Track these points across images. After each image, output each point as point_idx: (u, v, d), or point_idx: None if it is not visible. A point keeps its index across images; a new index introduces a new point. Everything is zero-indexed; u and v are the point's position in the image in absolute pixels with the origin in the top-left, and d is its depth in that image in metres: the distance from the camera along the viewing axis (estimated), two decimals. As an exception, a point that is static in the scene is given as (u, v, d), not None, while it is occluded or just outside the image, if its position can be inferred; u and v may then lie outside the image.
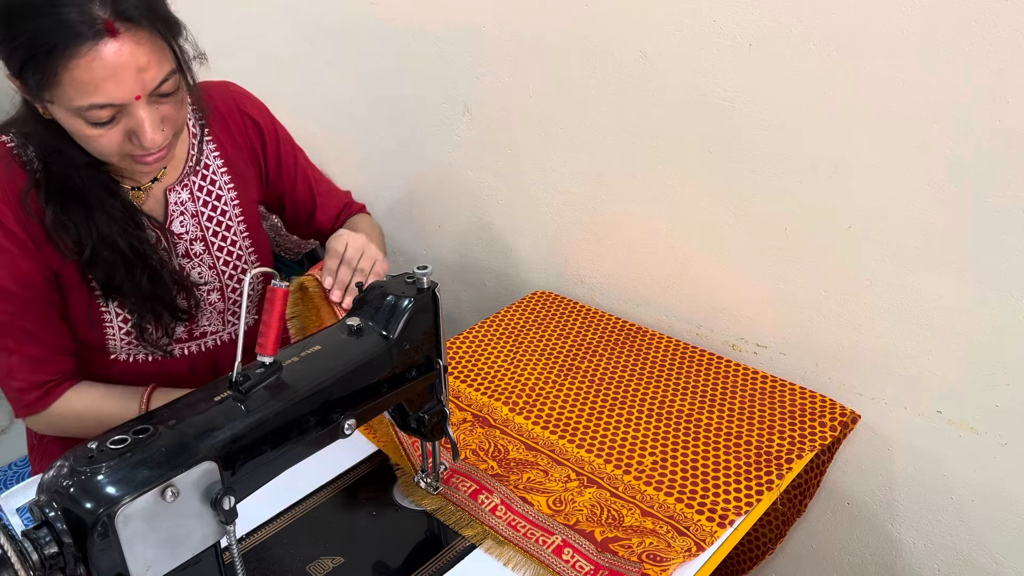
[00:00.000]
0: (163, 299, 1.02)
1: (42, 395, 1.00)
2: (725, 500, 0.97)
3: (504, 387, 1.19)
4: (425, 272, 0.84)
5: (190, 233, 1.07)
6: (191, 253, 1.07)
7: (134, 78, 0.82)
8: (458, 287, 1.71)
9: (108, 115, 0.84)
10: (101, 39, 0.79)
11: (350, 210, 1.31)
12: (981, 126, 0.95)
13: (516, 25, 1.34)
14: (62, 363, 1.01)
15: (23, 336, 0.97)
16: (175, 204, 1.05)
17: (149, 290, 1.00)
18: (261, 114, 1.16)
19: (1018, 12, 0.88)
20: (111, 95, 0.82)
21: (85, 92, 0.81)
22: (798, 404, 1.15)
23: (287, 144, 1.20)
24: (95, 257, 0.95)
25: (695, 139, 1.20)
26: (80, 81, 0.80)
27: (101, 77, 0.80)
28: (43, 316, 0.98)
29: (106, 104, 0.82)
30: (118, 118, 0.85)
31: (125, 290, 0.98)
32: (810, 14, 1.03)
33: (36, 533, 0.58)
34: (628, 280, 1.40)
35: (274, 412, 0.70)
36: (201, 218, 1.08)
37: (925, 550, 1.20)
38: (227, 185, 1.10)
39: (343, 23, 1.64)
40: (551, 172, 1.43)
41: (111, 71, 0.81)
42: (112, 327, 1.02)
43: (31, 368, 0.98)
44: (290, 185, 1.22)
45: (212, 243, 1.09)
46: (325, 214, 1.27)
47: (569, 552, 0.88)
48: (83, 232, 0.94)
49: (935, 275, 1.05)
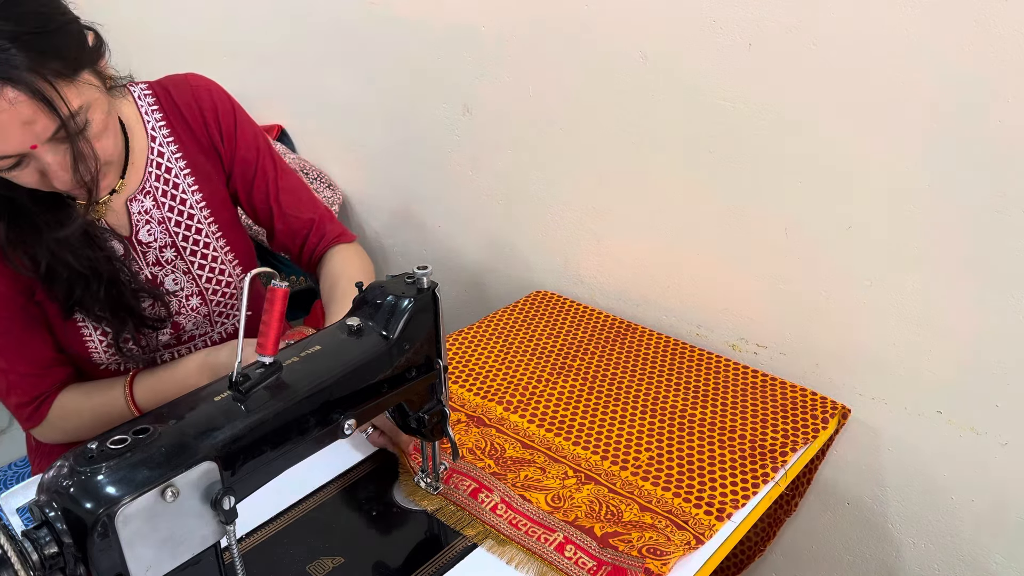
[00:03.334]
0: (129, 309, 1.00)
1: (36, 408, 1.01)
2: (722, 494, 0.97)
3: (497, 387, 1.19)
4: (425, 272, 0.84)
5: (159, 240, 1.05)
6: (162, 260, 1.06)
7: (21, 132, 0.80)
8: (458, 287, 1.71)
9: (10, 163, 0.83)
10: None
11: (321, 233, 1.19)
12: (981, 126, 0.95)
13: (516, 25, 1.34)
14: (55, 376, 1.01)
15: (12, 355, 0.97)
16: (139, 214, 1.03)
17: (112, 302, 0.98)
18: (221, 105, 1.10)
19: (1018, 12, 0.88)
20: (3, 150, 0.81)
21: None
22: (789, 398, 1.15)
23: (247, 141, 1.12)
24: (51, 274, 0.94)
25: (695, 139, 1.20)
26: None
27: None
28: (28, 333, 0.98)
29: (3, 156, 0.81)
30: (25, 161, 0.83)
31: (87, 304, 0.97)
32: (810, 14, 1.03)
33: (36, 533, 0.58)
34: (628, 280, 1.40)
35: (274, 412, 0.70)
36: (168, 224, 1.06)
37: (925, 550, 1.20)
38: (191, 188, 1.08)
39: (343, 23, 1.64)
40: (551, 172, 1.43)
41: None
42: (92, 340, 1.02)
43: (25, 385, 0.99)
44: (244, 185, 1.14)
45: (184, 248, 1.07)
46: (285, 226, 1.16)
47: (571, 549, 0.89)
48: (37, 250, 0.92)
49: (935, 275, 1.05)
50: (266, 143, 1.16)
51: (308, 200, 1.20)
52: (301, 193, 1.19)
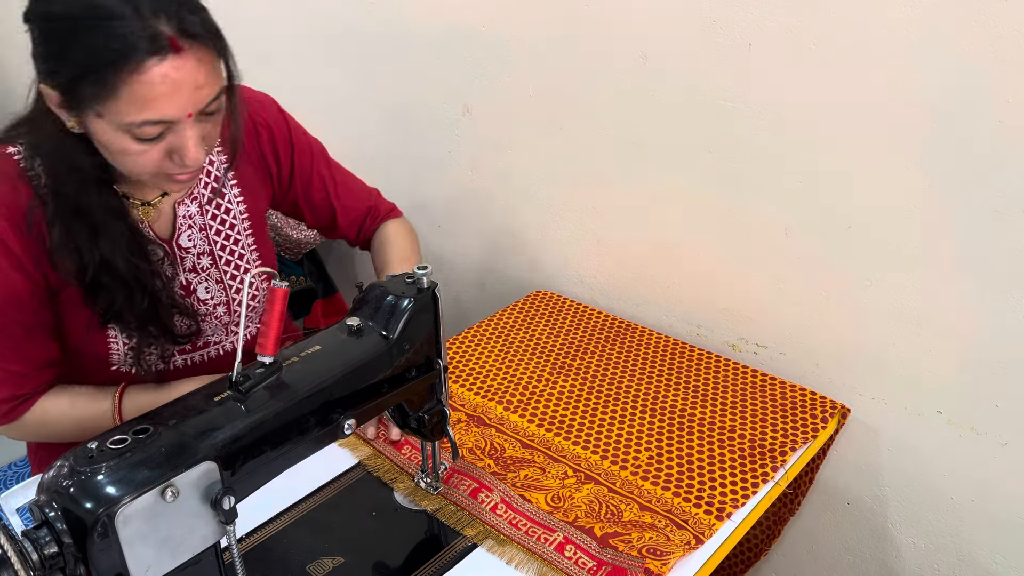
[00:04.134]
0: (163, 325, 1.00)
1: (14, 407, 0.99)
2: (722, 493, 0.97)
3: (497, 386, 1.19)
4: (425, 272, 0.84)
5: (197, 247, 1.06)
6: (198, 267, 1.06)
7: (190, 96, 0.82)
8: (458, 287, 1.72)
9: (157, 132, 0.83)
10: (166, 55, 0.78)
11: (376, 215, 1.26)
12: (981, 126, 0.95)
13: (516, 25, 1.34)
14: (43, 377, 1.00)
15: (7, 352, 0.96)
16: (183, 218, 1.04)
17: (149, 315, 0.98)
18: (273, 119, 1.13)
19: (1018, 12, 0.88)
20: (165, 112, 0.81)
21: (142, 108, 0.80)
22: (789, 398, 1.15)
23: (302, 148, 1.16)
24: (96, 282, 0.94)
25: (695, 139, 1.20)
26: (139, 96, 0.79)
27: (160, 93, 0.79)
28: (29, 334, 0.96)
29: (159, 121, 0.81)
30: (164, 135, 0.84)
31: (124, 315, 0.97)
32: (810, 14, 1.03)
33: (36, 533, 0.58)
34: (628, 280, 1.40)
35: (274, 412, 0.70)
36: (209, 232, 1.06)
37: (925, 550, 1.20)
38: (236, 198, 1.09)
39: (343, 23, 1.64)
40: (551, 172, 1.43)
41: (171, 88, 0.80)
42: (117, 343, 1.01)
43: (12, 383, 0.97)
44: (304, 191, 1.18)
45: (220, 257, 1.08)
46: (347, 219, 1.23)
47: (571, 549, 0.89)
48: (86, 256, 0.92)
49: (935, 275, 1.05)
50: (319, 148, 1.21)
51: (361, 189, 1.27)
52: (353, 185, 1.25)
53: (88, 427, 1.00)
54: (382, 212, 1.27)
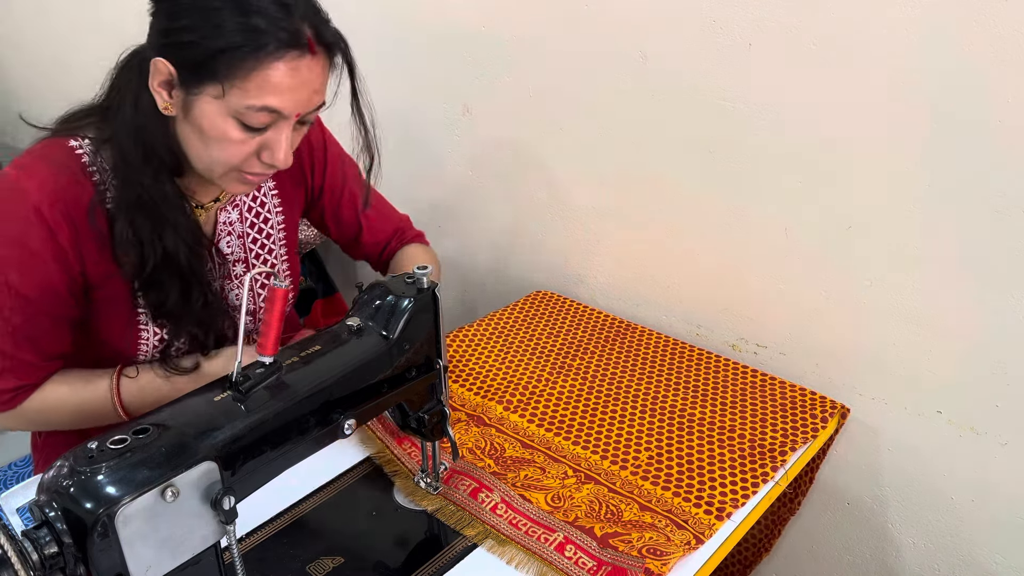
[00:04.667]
0: (209, 325, 1.01)
1: (15, 395, 0.98)
2: (722, 493, 0.97)
3: (497, 386, 1.19)
4: (425, 272, 0.84)
5: (234, 254, 1.06)
6: (232, 274, 1.07)
7: (308, 96, 0.87)
8: (458, 287, 1.72)
9: (265, 122, 0.86)
10: (304, 53, 0.85)
11: (402, 238, 1.26)
12: (981, 126, 0.95)
13: (516, 25, 1.34)
14: (50, 367, 0.99)
15: (25, 342, 0.96)
16: (224, 224, 1.04)
17: (200, 314, 0.99)
18: (314, 137, 1.14)
19: (1018, 12, 0.88)
20: (284, 104, 0.85)
21: (266, 94, 0.84)
22: (788, 398, 1.15)
23: (335, 163, 1.17)
24: (154, 276, 0.95)
25: (695, 139, 1.20)
26: (269, 83, 0.83)
27: (288, 86, 0.84)
28: (52, 326, 0.96)
29: (274, 110, 0.85)
30: (265, 130, 0.88)
31: (175, 312, 0.98)
32: (810, 14, 1.03)
33: (36, 533, 0.58)
34: (628, 280, 1.40)
35: (274, 412, 0.70)
36: (246, 239, 1.07)
37: (925, 550, 1.20)
38: (276, 209, 1.10)
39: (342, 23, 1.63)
40: (551, 172, 1.43)
41: (298, 83, 0.85)
42: (147, 343, 1.01)
43: (20, 371, 0.97)
44: (333, 206, 1.19)
45: (253, 265, 1.09)
46: (372, 239, 1.24)
47: (571, 549, 0.89)
48: (148, 248, 0.93)
49: (935, 275, 1.05)
50: (352, 165, 1.21)
51: (390, 212, 1.27)
52: (383, 207, 1.26)
53: (87, 411, 1.00)
54: (408, 236, 1.27)
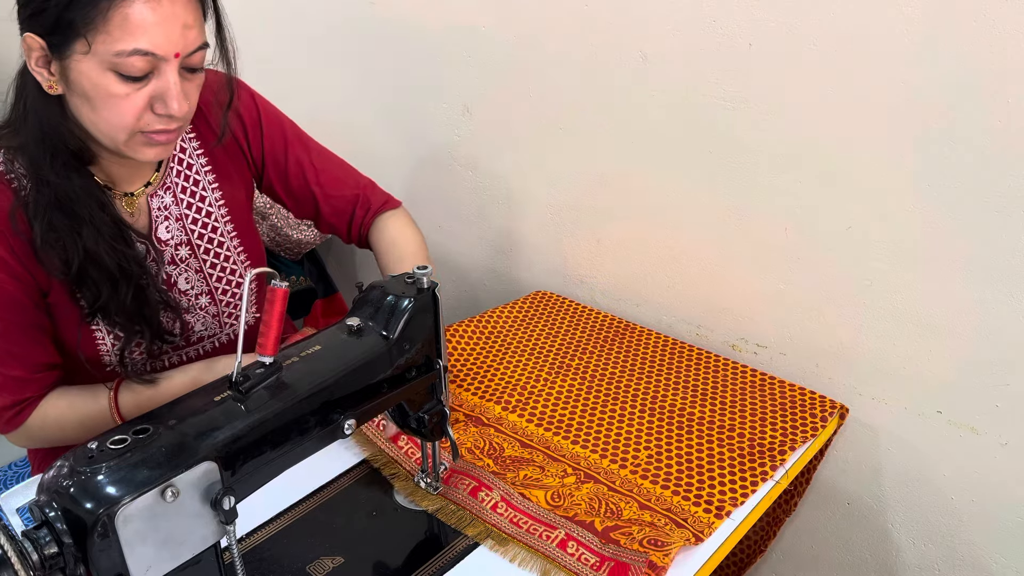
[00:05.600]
0: (148, 320, 0.99)
1: (17, 413, 0.99)
2: (721, 492, 0.98)
3: (496, 386, 1.19)
4: (425, 272, 0.84)
5: (175, 238, 1.04)
6: (176, 259, 1.05)
7: (180, 33, 0.84)
8: (458, 287, 1.71)
9: (144, 67, 0.84)
10: None
11: (367, 206, 1.18)
12: (982, 126, 0.95)
13: (516, 25, 1.34)
14: (43, 381, 1.00)
15: (7, 357, 0.96)
16: (158, 209, 1.03)
17: (134, 309, 0.97)
18: (241, 101, 1.09)
19: (1018, 12, 0.88)
20: (156, 43, 0.82)
21: (133, 35, 0.81)
22: (788, 397, 1.15)
23: (273, 132, 1.12)
24: (82, 275, 0.94)
25: (695, 139, 1.20)
26: (131, 22, 0.81)
27: (152, 22, 0.81)
28: (27, 337, 0.96)
29: (148, 52, 0.82)
30: (149, 78, 0.85)
31: (111, 309, 0.96)
32: (810, 14, 1.03)
33: (36, 533, 0.58)
34: (628, 280, 1.40)
35: (274, 412, 0.70)
36: (186, 221, 1.05)
37: (925, 550, 1.20)
38: (211, 185, 1.07)
39: (343, 23, 1.64)
40: (551, 172, 1.43)
41: (163, 18, 0.82)
42: (104, 344, 1.01)
43: (12, 388, 0.97)
44: (279, 177, 1.13)
45: (198, 246, 1.07)
46: (330, 208, 1.16)
47: (573, 545, 0.89)
48: (70, 249, 0.92)
49: (935, 275, 1.05)
50: (293, 129, 1.16)
51: (348, 175, 1.19)
52: (339, 171, 1.18)
53: (89, 426, 1.00)
54: (374, 204, 1.19)
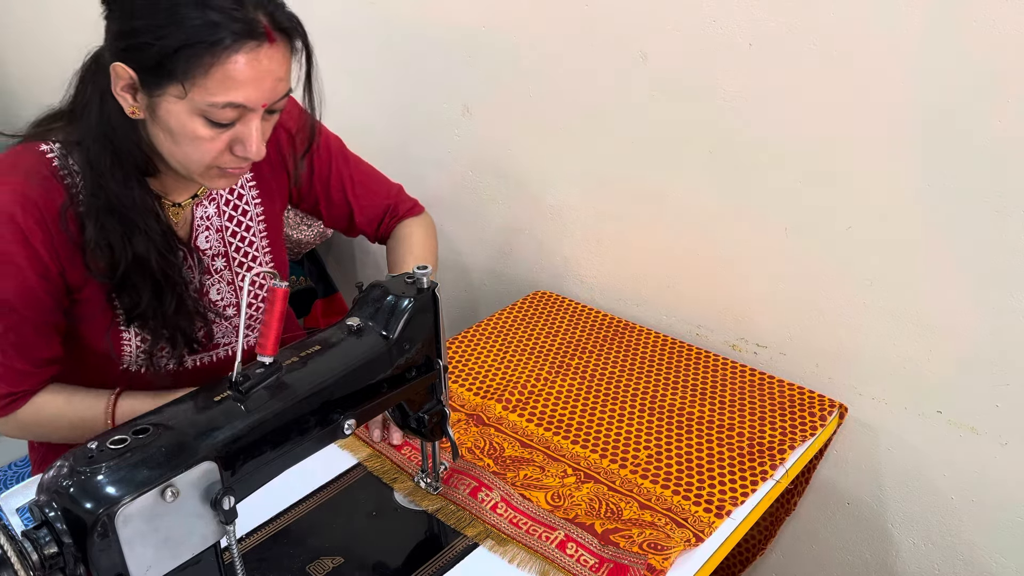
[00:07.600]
0: (183, 329, 1.00)
1: (11, 402, 0.98)
2: (721, 491, 0.98)
3: (496, 386, 1.19)
4: (425, 272, 0.84)
5: (213, 248, 1.05)
6: (212, 269, 1.06)
7: (272, 86, 0.86)
8: (458, 287, 1.72)
9: (232, 117, 0.85)
10: (262, 43, 0.83)
11: (395, 213, 1.25)
12: (981, 126, 0.95)
13: (516, 25, 1.34)
14: (43, 374, 0.99)
15: (12, 350, 0.96)
16: (200, 219, 1.04)
17: (172, 318, 0.99)
18: (292, 119, 1.11)
19: (1018, 12, 0.88)
20: (248, 97, 0.84)
21: (228, 89, 0.82)
22: (787, 396, 1.15)
23: (322, 151, 1.16)
24: (125, 280, 0.94)
25: (695, 139, 1.20)
26: (230, 78, 0.82)
27: (250, 78, 0.83)
28: (38, 332, 0.96)
29: (239, 105, 0.84)
30: (234, 124, 0.86)
31: (148, 316, 0.97)
32: (810, 14, 1.03)
33: (36, 533, 0.58)
34: (628, 280, 1.40)
35: (274, 412, 0.70)
36: (225, 233, 1.06)
37: (925, 550, 1.20)
38: (254, 200, 1.09)
39: (343, 23, 1.64)
40: (551, 172, 1.43)
41: (259, 74, 0.84)
42: (129, 345, 1.01)
43: (11, 379, 0.97)
44: (323, 191, 1.18)
45: (233, 259, 1.08)
46: (364, 217, 1.22)
47: (572, 547, 0.89)
48: (118, 253, 0.92)
49: (935, 275, 1.05)
50: (337, 144, 1.20)
51: (381, 185, 1.25)
52: (373, 183, 1.24)
53: (80, 428, 1.00)
54: (401, 211, 1.26)
